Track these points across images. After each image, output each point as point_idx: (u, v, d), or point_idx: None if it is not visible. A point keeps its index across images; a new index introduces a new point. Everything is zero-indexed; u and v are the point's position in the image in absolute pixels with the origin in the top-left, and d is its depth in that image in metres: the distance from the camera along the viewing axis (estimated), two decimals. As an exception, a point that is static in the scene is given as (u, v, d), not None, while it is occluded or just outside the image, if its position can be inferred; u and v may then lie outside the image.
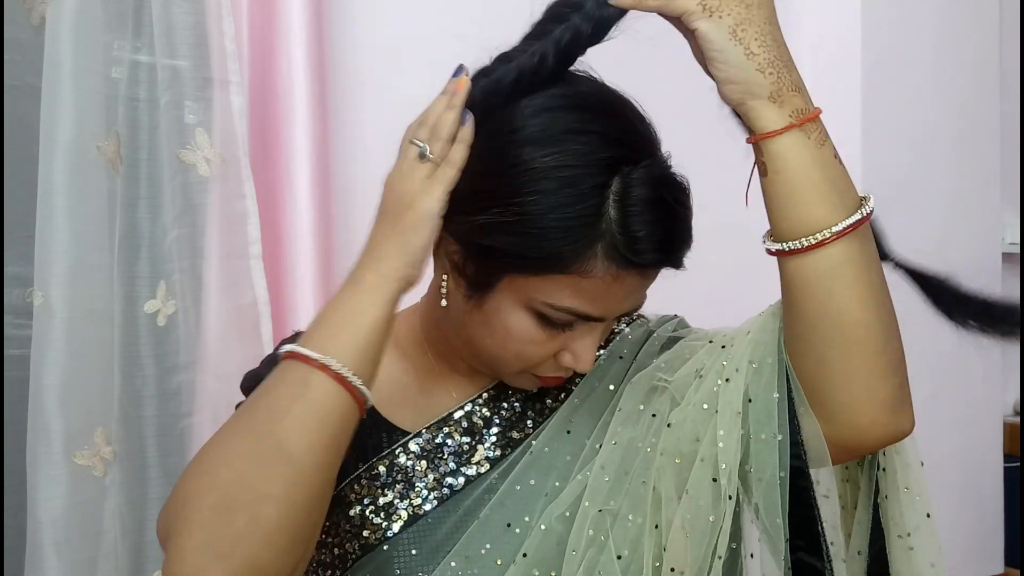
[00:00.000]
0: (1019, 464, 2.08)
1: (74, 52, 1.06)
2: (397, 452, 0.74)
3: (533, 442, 0.74)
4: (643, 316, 0.82)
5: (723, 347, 0.71)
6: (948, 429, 1.90)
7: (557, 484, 0.71)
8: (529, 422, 0.77)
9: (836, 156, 0.66)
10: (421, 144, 0.65)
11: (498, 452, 0.74)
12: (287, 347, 0.63)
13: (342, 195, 1.36)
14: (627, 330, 0.80)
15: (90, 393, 1.09)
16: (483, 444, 0.75)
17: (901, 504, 0.72)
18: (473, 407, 0.76)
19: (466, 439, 0.75)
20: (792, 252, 0.63)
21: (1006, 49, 2.05)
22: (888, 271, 0.71)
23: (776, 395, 0.66)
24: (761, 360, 0.68)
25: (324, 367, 0.60)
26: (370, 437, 0.74)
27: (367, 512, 0.71)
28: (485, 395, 0.77)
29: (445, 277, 0.69)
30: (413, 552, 0.70)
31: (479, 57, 0.71)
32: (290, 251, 1.24)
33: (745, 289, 1.08)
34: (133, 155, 1.15)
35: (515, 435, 0.75)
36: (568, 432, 0.74)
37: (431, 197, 0.64)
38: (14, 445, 1.08)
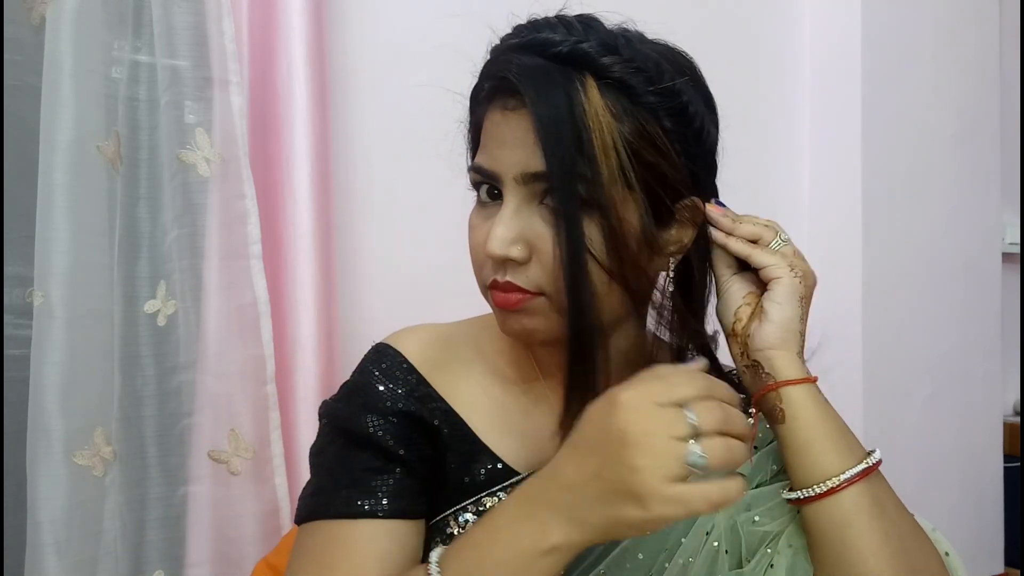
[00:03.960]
0: (1019, 464, 2.08)
1: (74, 52, 1.07)
2: (508, 491, 0.70)
3: None
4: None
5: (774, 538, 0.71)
6: (948, 429, 1.90)
7: (667, 566, 0.69)
8: None
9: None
10: (698, 453, 0.53)
11: None
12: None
13: (342, 195, 1.36)
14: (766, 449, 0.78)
15: (90, 393, 1.09)
16: None
17: None
18: None
19: None
20: (808, 500, 0.67)
21: (1006, 49, 2.05)
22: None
23: None
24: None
25: None
26: (474, 465, 0.71)
27: None
28: None
29: None
30: None
31: (480, 57, 0.71)
32: (290, 251, 1.24)
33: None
34: (133, 155, 1.15)
35: None
36: None
37: (666, 518, 0.53)
38: (14, 445, 1.08)
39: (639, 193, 0.66)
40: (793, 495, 0.69)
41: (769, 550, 0.70)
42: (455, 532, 0.70)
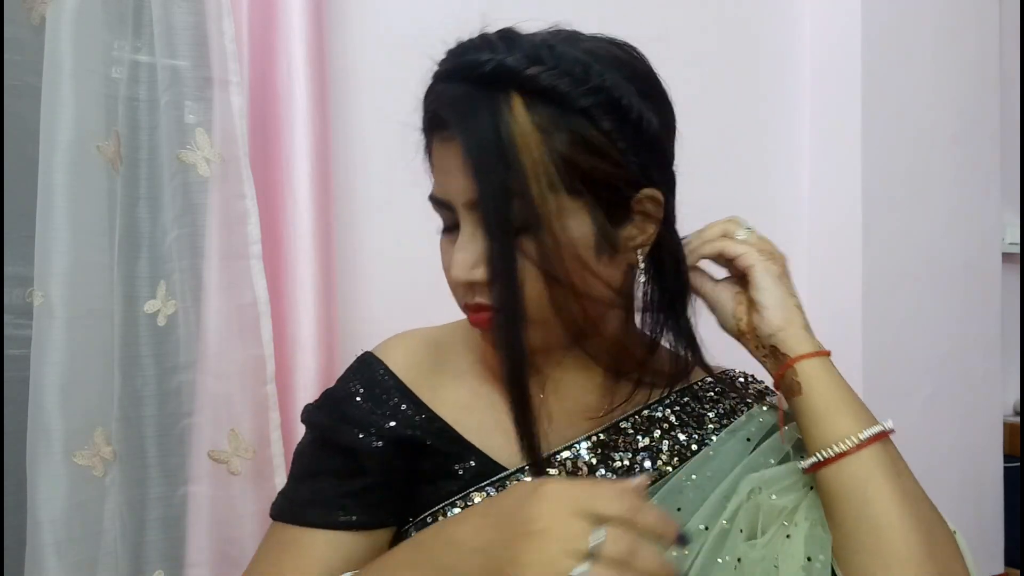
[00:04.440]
0: (1019, 464, 2.08)
1: (74, 52, 1.06)
2: (496, 486, 0.71)
3: None
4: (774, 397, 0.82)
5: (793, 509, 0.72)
6: (948, 429, 1.90)
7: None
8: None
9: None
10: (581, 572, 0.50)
11: None
12: None
13: (342, 195, 1.36)
14: (757, 410, 0.80)
15: (90, 393, 1.09)
16: None
17: None
18: (579, 450, 0.74)
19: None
20: (827, 462, 0.69)
21: (1006, 49, 2.05)
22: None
23: (825, 559, 0.68)
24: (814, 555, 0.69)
25: None
26: (459, 464, 0.72)
27: None
28: (594, 438, 0.75)
29: None
30: None
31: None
32: (290, 251, 1.24)
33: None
34: (133, 155, 1.15)
35: None
36: (679, 510, 0.72)
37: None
38: (14, 445, 1.08)
39: (587, 198, 0.66)
40: (811, 460, 0.70)
41: (785, 523, 0.70)
42: None
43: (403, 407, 0.74)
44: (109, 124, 1.12)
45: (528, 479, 0.71)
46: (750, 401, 0.83)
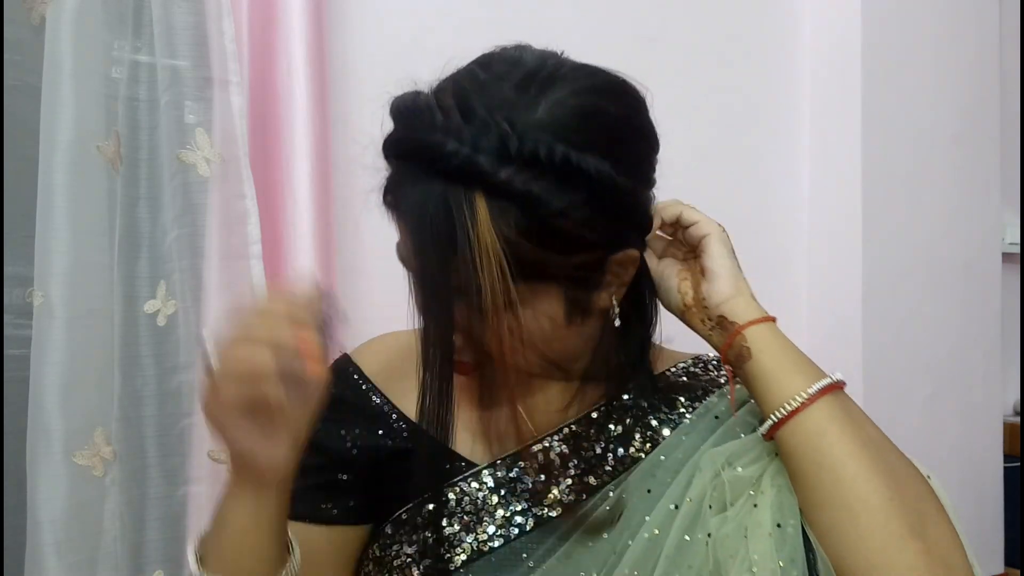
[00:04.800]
0: (1019, 464, 2.08)
1: (74, 52, 1.07)
2: (469, 481, 0.72)
3: (611, 493, 0.72)
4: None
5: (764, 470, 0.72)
6: (948, 429, 1.90)
7: (630, 543, 0.69)
8: (608, 467, 0.75)
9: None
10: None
11: (572, 497, 0.72)
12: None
13: (342, 195, 1.36)
14: (711, 399, 0.79)
15: (90, 393, 1.09)
16: (558, 486, 0.73)
17: None
18: (552, 443, 0.75)
19: (541, 477, 0.73)
20: (781, 423, 0.68)
21: (1006, 49, 2.05)
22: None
23: (796, 524, 0.67)
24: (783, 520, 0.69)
25: None
26: (433, 464, 0.73)
27: (431, 541, 0.70)
28: (566, 430, 0.76)
29: None
30: None
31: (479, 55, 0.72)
32: (290, 251, 1.24)
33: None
34: (133, 155, 1.15)
35: (592, 480, 0.73)
36: (648, 491, 0.72)
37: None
38: (14, 445, 1.08)
39: (553, 281, 0.66)
40: (767, 424, 0.69)
41: (752, 492, 0.69)
42: (416, 522, 0.71)
43: (374, 413, 0.76)
44: (109, 124, 1.12)
45: (500, 474, 0.73)
46: (721, 383, 0.83)
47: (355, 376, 0.78)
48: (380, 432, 0.75)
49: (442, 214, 0.60)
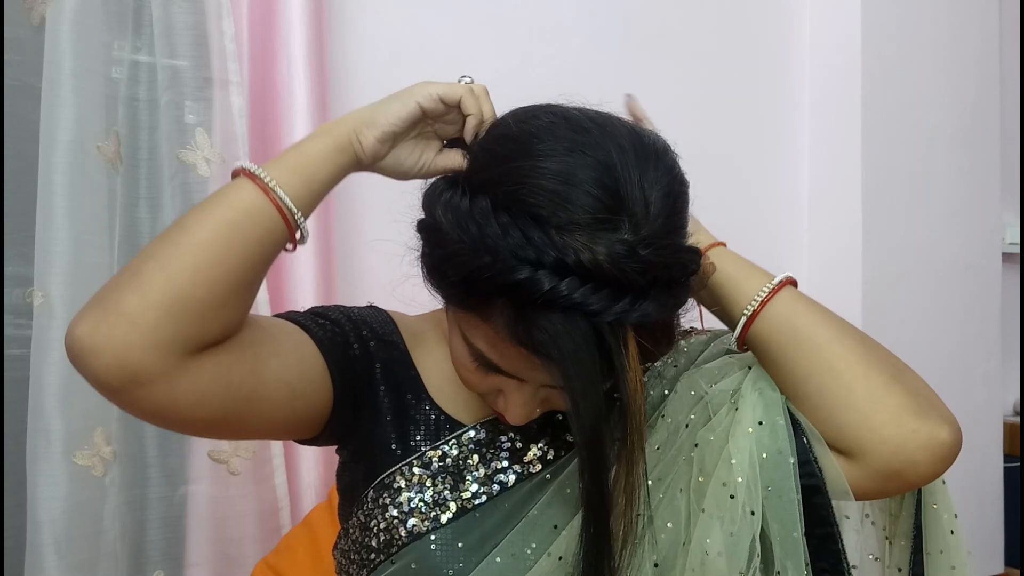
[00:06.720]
0: (1019, 464, 2.08)
1: (74, 52, 1.07)
2: (451, 443, 0.75)
3: None
4: (711, 331, 0.84)
5: (749, 368, 0.75)
6: (948, 429, 1.90)
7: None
8: None
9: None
10: (469, 77, 0.72)
11: (552, 454, 0.75)
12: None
13: (342, 195, 1.36)
14: (683, 344, 0.81)
15: (90, 393, 1.07)
16: (536, 444, 0.75)
17: (929, 522, 0.75)
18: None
19: (519, 437, 0.75)
20: (755, 314, 0.73)
21: (1006, 49, 2.05)
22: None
23: (780, 420, 0.71)
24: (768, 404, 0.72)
25: (253, 176, 0.64)
26: (424, 424, 0.75)
27: (416, 500, 0.72)
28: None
29: None
30: (459, 545, 0.71)
31: (478, 56, 0.72)
32: (290, 251, 1.24)
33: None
34: (133, 155, 1.15)
35: (568, 438, 0.76)
36: (657, 449, 0.74)
37: (430, 85, 0.70)
38: (14, 445, 1.08)
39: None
40: (740, 323, 0.73)
41: (732, 400, 0.73)
42: (402, 486, 0.73)
43: (400, 349, 0.78)
44: (109, 124, 1.12)
45: (481, 436, 0.76)
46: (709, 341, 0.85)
47: (389, 320, 0.80)
48: (387, 359, 0.77)
49: (598, 355, 0.60)
